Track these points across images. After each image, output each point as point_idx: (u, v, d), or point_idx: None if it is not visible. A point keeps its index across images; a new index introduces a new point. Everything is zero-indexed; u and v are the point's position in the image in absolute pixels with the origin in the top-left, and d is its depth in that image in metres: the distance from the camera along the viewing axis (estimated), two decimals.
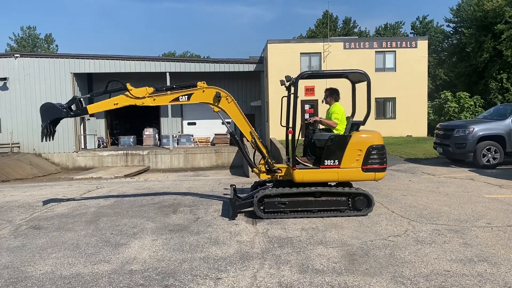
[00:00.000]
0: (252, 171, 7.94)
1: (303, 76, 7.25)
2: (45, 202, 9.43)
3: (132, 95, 7.47)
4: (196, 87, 7.60)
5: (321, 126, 7.74)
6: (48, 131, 7.61)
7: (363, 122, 7.37)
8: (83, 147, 25.98)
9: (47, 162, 24.34)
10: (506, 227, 6.35)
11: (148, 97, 7.53)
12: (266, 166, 7.58)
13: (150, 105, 7.67)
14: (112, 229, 6.83)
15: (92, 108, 7.85)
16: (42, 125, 7.65)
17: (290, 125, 7.40)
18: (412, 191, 9.44)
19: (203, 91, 7.59)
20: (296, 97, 7.14)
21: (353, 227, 6.52)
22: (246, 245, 5.74)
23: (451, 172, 12.17)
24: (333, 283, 4.39)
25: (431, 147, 15.76)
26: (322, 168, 7.08)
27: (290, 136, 7.46)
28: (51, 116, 7.64)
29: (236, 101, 7.71)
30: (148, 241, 6.07)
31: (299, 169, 7.12)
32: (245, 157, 7.86)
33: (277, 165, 7.72)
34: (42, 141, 7.72)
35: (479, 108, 30.01)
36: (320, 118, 7.58)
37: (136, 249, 5.71)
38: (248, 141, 7.83)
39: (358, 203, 7.15)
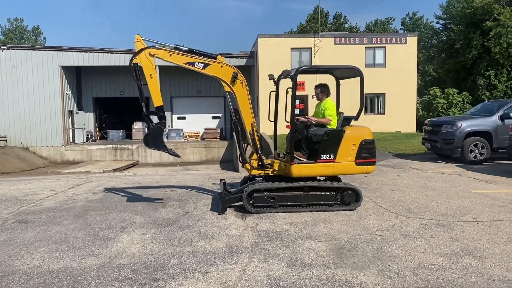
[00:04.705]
0: (243, 167, 7.83)
1: (302, 70, 7.26)
2: (33, 196, 9.34)
3: (143, 44, 7.32)
4: (216, 59, 7.40)
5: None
6: (168, 149, 7.53)
7: (356, 117, 7.49)
8: (71, 141, 25.72)
9: (35, 156, 24.04)
10: (491, 221, 6.45)
11: (165, 50, 7.34)
12: (259, 161, 7.51)
13: (164, 59, 7.36)
14: (101, 223, 6.80)
15: (155, 101, 7.34)
16: (166, 151, 7.56)
17: (284, 120, 7.50)
18: (400, 186, 9.54)
19: (222, 66, 7.35)
20: (294, 92, 7.16)
21: (341, 221, 6.58)
22: (235, 239, 5.76)
23: (439, 168, 12.31)
24: (321, 277, 4.42)
25: (420, 143, 15.92)
26: (318, 162, 7.16)
27: (277, 131, 7.51)
28: (161, 139, 7.48)
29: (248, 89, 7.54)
30: (137, 235, 6.05)
31: (297, 163, 7.13)
32: (241, 151, 7.67)
33: (268, 160, 7.72)
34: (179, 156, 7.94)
35: (467, 104, 30.31)
36: (315, 119, 7.58)
37: (125, 243, 5.69)
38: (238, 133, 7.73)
39: (347, 197, 7.22)
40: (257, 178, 7.89)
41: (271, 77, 7.58)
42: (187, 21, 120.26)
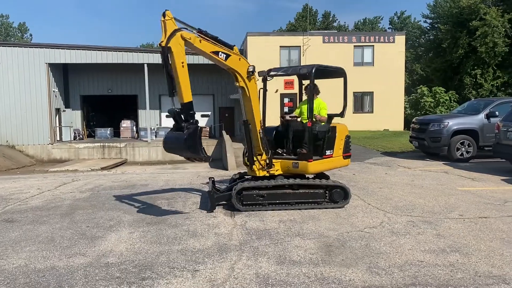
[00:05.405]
0: (250, 168, 7.32)
1: (316, 69, 7.31)
2: (19, 195, 9.22)
3: (175, 25, 6.08)
4: (233, 50, 6.87)
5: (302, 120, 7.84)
6: (206, 154, 6.28)
7: (342, 115, 7.79)
8: (58, 139, 25.42)
9: (21, 154, 23.69)
10: (477, 218, 6.53)
11: (196, 35, 6.34)
12: (268, 161, 7.28)
13: (194, 45, 6.31)
14: (88, 222, 6.74)
15: (185, 95, 6.23)
16: (203, 157, 6.33)
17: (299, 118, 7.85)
18: (388, 183, 9.61)
19: (240, 59, 6.90)
20: (311, 89, 7.27)
21: (330, 219, 6.61)
22: (224, 237, 5.75)
23: (426, 166, 12.42)
24: (310, 274, 4.44)
25: (407, 141, 16.04)
26: (324, 158, 7.37)
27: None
28: (200, 142, 6.16)
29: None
30: (125, 234, 6.01)
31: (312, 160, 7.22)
32: (251, 151, 7.19)
33: (275, 160, 7.52)
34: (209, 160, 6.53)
35: (454, 103, 30.64)
36: (320, 116, 7.68)
37: (113, 242, 5.65)
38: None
39: (335, 195, 7.26)
40: (246, 177, 7.90)
41: (262, 73, 7.49)
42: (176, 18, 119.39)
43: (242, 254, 5.09)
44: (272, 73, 7.71)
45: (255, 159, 7.20)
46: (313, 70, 7.20)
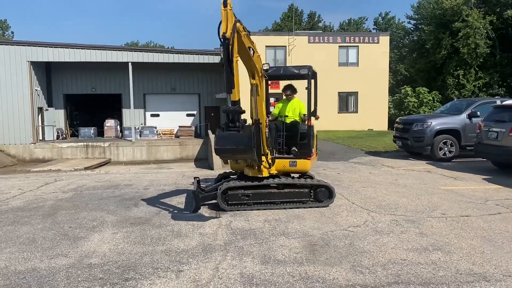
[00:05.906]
0: (259, 170, 7.07)
1: (312, 70, 7.55)
2: None
3: (233, 15, 5.79)
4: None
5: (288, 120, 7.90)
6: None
7: (315, 115, 7.91)
8: (41, 138, 25.02)
9: (2, 154, 23.24)
10: (459, 217, 6.63)
11: (242, 29, 6.07)
12: (270, 160, 7.22)
13: (242, 39, 6.06)
14: (71, 222, 6.64)
15: (237, 93, 5.87)
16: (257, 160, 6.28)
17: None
18: (372, 183, 9.69)
19: (258, 56, 6.80)
20: (310, 89, 7.45)
21: (314, 218, 6.63)
22: (208, 237, 5.73)
23: (409, 165, 12.57)
24: (294, 273, 4.45)
25: (391, 141, 16.21)
26: (312, 155, 7.63)
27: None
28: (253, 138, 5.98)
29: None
30: (108, 235, 5.94)
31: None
32: (260, 150, 6.72)
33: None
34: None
35: (437, 103, 31.05)
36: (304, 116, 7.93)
37: (96, 243, 5.58)
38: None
39: (320, 194, 7.31)
40: (231, 176, 7.90)
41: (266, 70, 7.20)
42: (161, 17, 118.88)
43: (227, 254, 5.08)
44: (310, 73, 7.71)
45: (263, 159, 7.00)
46: (312, 70, 7.45)
